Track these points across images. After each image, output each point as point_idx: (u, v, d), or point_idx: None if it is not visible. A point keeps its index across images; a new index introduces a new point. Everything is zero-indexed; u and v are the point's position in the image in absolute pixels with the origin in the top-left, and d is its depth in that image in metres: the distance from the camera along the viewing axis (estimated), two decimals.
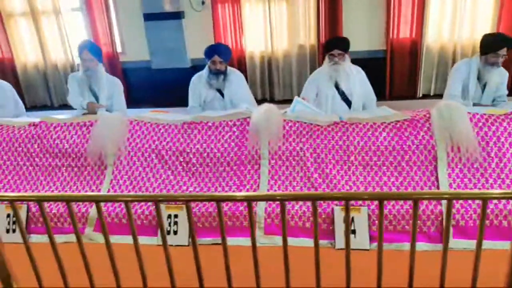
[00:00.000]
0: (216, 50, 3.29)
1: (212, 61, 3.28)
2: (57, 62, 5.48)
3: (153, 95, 5.32)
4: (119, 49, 5.42)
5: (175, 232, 2.37)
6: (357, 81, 3.25)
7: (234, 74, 3.40)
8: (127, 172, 2.59)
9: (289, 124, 2.59)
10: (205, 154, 2.58)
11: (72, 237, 2.39)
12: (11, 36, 5.44)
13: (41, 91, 5.66)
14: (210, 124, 2.65)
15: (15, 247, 1.68)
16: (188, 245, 2.34)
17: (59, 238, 2.41)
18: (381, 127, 2.45)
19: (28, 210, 2.50)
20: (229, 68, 3.40)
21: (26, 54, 5.55)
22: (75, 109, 3.72)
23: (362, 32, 5.09)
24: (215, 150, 2.58)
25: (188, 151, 2.59)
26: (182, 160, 2.59)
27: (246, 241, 2.31)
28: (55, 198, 1.90)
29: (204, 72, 3.40)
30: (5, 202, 2.33)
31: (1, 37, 5.43)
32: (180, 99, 5.20)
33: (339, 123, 2.57)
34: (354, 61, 4.98)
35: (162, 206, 2.40)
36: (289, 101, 5.42)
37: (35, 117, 3.54)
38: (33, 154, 2.70)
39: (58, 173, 2.67)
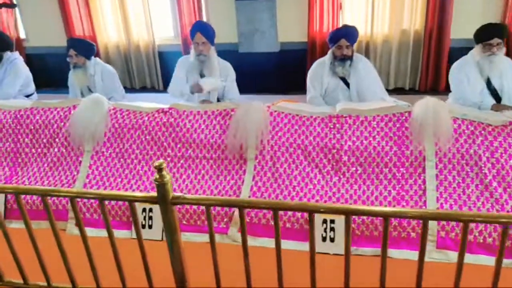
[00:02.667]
0: (344, 33, 2.95)
1: (338, 45, 2.95)
2: (140, 42, 5.32)
3: (240, 80, 5.05)
4: None
5: (332, 239, 2.11)
6: (509, 76, 2.84)
7: (362, 61, 3.06)
8: (271, 168, 2.34)
9: (457, 122, 2.25)
10: (358, 152, 2.29)
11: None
12: (94, 14, 5.30)
13: (121, 73, 5.53)
14: (362, 118, 2.34)
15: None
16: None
17: (201, 237, 2.23)
18: None
19: None
20: (355, 54, 3.06)
21: (108, 33, 5.41)
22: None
23: (475, 18, 4.58)
24: (370, 148, 2.28)
25: (338, 148, 2.31)
26: (331, 158, 2.31)
27: (413, 255, 2.04)
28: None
29: (327, 58, 3.08)
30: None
31: (84, 15, 5.32)
32: (267, 85, 4.96)
33: None
34: (465, 51, 4.53)
35: None
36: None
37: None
38: (164, 143, 2.50)
39: (192, 165, 2.46)
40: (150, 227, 2.29)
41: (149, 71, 5.38)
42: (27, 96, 3.87)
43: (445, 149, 2.20)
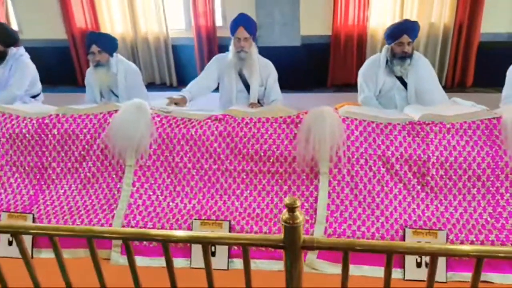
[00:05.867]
0: (406, 28, 2.69)
1: (399, 42, 2.69)
2: (148, 34, 4.91)
3: None
4: (219, 23, 4.82)
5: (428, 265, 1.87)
6: None
7: (421, 59, 2.81)
8: (348, 184, 2.07)
9: None
10: (447, 164, 2.04)
11: None
12: (98, 3, 4.84)
13: None
14: (448, 126, 2.10)
15: None
16: None
17: (276, 265, 1.96)
18: None
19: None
20: (415, 51, 2.81)
21: (113, 24, 4.97)
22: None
23: (505, 12, 4.43)
24: (460, 159, 2.04)
25: (425, 159, 2.06)
26: (416, 170, 2.06)
27: None
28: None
29: (382, 56, 2.81)
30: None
31: (86, 4, 4.85)
32: (288, 81, 4.64)
33: None
34: (493, 45, 4.37)
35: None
36: None
37: None
38: (222, 156, 2.18)
39: (254, 180, 2.16)
40: (213, 254, 1.99)
41: (158, 65, 4.99)
42: (33, 97, 3.45)
43: None
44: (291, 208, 1.11)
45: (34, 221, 2.17)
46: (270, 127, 2.19)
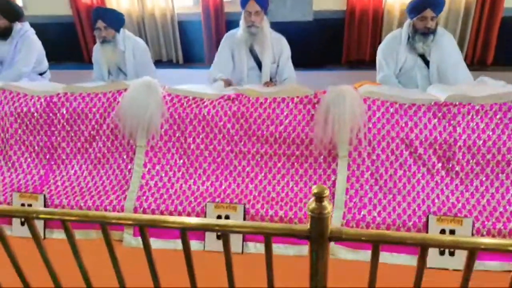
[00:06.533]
0: (430, 2, 2.51)
1: (422, 17, 2.53)
2: (155, 10, 4.74)
3: None
4: None
5: (452, 253, 1.80)
6: None
7: (445, 35, 2.65)
8: (369, 168, 1.98)
9: None
10: (475, 148, 1.93)
11: None
12: None
13: None
14: (477, 107, 1.97)
15: None
16: None
17: (293, 249, 1.90)
18: None
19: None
20: (439, 27, 2.65)
21: (120, 0, 4.81)
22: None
23: None
24: (488, 143, 1.93)
25: (451, 143, 1.95)
26: (441, 154, 1.96)
27: None
28: None
29: (404, 32, 2.66)
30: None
31: None
32: (299, 59, 4.50)
33: None
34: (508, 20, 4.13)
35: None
36: None
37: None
38: (235, 137, 2.10)
39: (269, 163, 2.07)
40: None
41: (165, 42, 4.84)
42: (40, 74, 3.37)
43: None
44: (319, 198, 1.01)
45: (45, 201, 2.13)
46: (286, 108, 2.09)
